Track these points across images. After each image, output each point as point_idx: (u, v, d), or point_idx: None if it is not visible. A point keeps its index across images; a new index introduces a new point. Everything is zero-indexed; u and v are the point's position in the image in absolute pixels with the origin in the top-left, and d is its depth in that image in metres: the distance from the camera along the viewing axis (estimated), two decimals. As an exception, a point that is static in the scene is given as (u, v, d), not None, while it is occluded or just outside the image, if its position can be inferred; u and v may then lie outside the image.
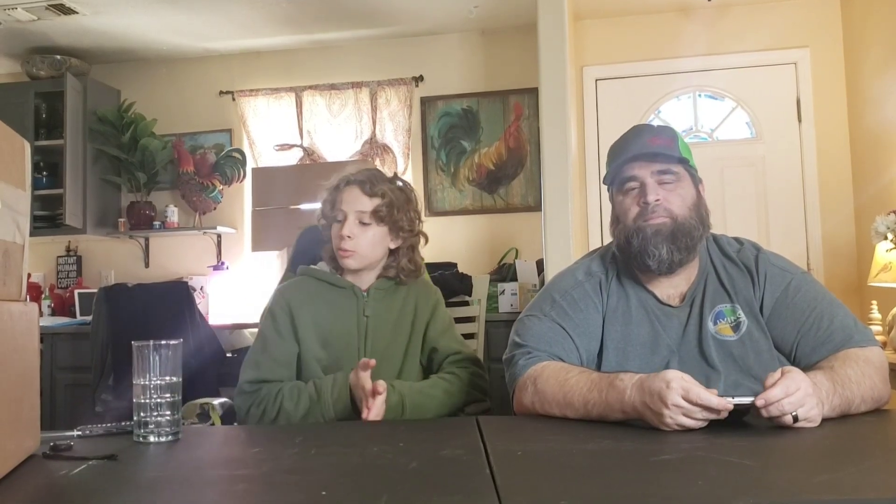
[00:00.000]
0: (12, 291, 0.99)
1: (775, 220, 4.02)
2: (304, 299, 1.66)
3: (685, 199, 1.38)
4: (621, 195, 1.42)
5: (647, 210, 1.36)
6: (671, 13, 4.14)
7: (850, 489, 0.81)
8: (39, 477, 0.94)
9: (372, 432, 1.23)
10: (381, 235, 1.65)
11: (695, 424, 1.09)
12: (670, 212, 1.36)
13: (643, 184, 1.37)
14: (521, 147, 4.36)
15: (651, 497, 0.80)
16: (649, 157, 1.37)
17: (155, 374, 1.14)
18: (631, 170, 1.38)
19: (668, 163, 1.37)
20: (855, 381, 1.20)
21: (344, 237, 1.62)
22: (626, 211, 1.40)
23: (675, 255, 1.35)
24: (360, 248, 1.63)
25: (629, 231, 1.38)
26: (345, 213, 1.63)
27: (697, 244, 1.38)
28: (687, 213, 1.37)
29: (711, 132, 4.20)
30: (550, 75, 3.43)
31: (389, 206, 1.64)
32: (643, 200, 1.37)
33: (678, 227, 1.35)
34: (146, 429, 1.14)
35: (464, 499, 0.81)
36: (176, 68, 4.72)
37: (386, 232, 1.66)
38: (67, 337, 3.93)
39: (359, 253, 1.63)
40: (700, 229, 1.38)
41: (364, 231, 1.63)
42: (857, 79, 3.84)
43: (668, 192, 1.37)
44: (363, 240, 1.63)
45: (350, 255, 1.63)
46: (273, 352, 1.62)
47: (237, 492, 0.86)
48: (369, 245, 1.64)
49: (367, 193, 1.63)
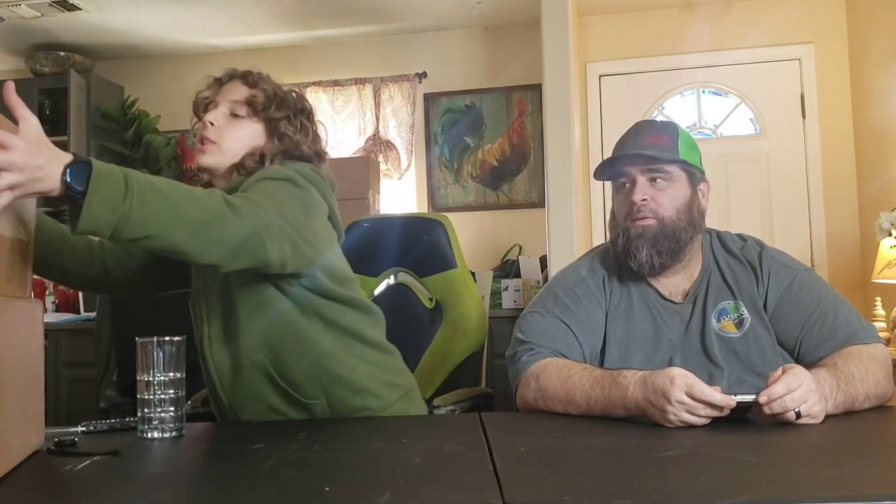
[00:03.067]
0: (17, 288, 0.99)
1: (779, 216, 4.01)
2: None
3: (675, 200, 1.37)
4: (615, 192, 1.44)
5: (634, 210, 1.36)
6: (675, 9, 4.13)
7: (853, 486, 0.81)
8: (43, 472, 0.95)
9: (375, 428, 1.24)
10: (252, 133, 1.38)
11: (698, 421, 1.09)
12: (657, 213, 1.36)
13: (633, 181, 1.38)
14: (524, 143, 4.36)
15: (654, 493, 0.80)
16: (640, 156, 1.37)
17: (159, 370, 1.15)
18: (623, 166, 1.39)
19: (662, 163, 1.37)
20: (858, 378, 1.20)
21: (207, 124, 1.36)
22: (619, 209, 1.42)
23: (654, 258, 1.35)
24: (223, 139, 1.36)
25: (618, 230, 1.40)
26: (217, 101, 1.39)
27: (685, 247, 1.38)
28: (675, 215, 1.36)
29: (715, 128, 4.19)
30: (554, 71, 3.42)
31: (269, 99, 1.40)
32: (630, 199, 1.37)
33: (663, 229, 1.35)
34: (150, 425, 1.15)
35: (467, 495, 0.81)
36: (179, 64, 4.72)
37: (260, 130, 1.39)
38: (71, 333, 3.93)
39: (221, 146, 1.36)
40: (689, 232, 1.37)
41: (233, 124, 1.37)
42: (862, 75, 3.83)
43: (658, 192, 1.37)
44: (230, 132, 1.37)
45: (209, 147, 1.36)
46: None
47: (240, 487, 0.86)
48: (234, 139, 1.37)
49: (248, 84, 1.42)
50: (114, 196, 0.96)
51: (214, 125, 1.36)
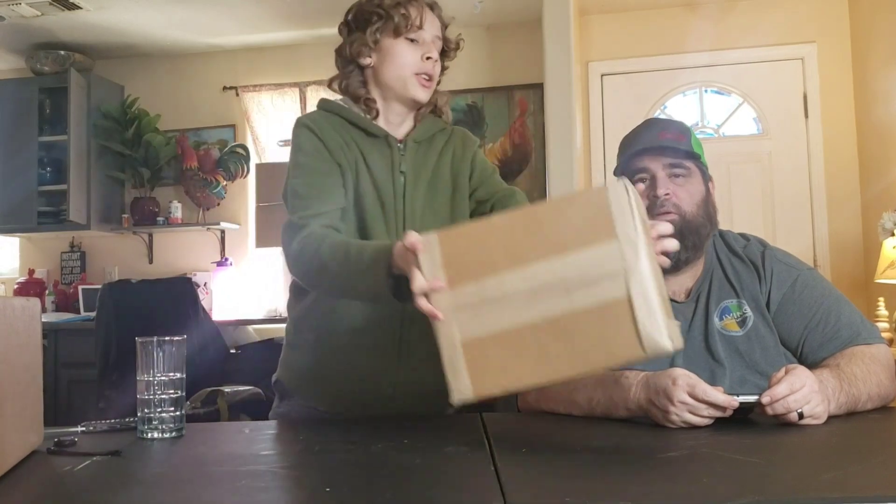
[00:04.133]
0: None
1: (782, 216, 4.01)
2: (334, 135, 1.39)
3: (694, 195, 1.36)
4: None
5: (657, 204, 1.35)
6: (677, 8, 4.12)
7: (855, 487, 0.80)
8: (43, 472, 0.94)
9: (376, 429, 1.23)
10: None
11: (700, 422, 1.08)
12: (679, 208, 1.35)
13: (653, 177, 1.36)
14: (526, 143, 4.35)
15: (656, 494, 0.79)
16: (660, 151, 1.36)
17: (159, 370, 1.14)
18: (641, 162, 1.37)
19: (680, 157, 1.36)
20: (861, 379, 1.19)
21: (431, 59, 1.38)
22: None
23: (681, 254, 1.33)
24: (437, 74, 1.41)
25: None
26: (424, 37, 1.38)
27: (704, 242, 1.37)
28: (695, 210, 1.35)
29: (718, 128, 4.19)
30: (556, 71, 3.42)
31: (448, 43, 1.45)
32: (653, 194, 1.35)
33: (686, 224, 1.34)
34: (150, 425, 1.14)
35: (468, 495, 0.80)
36: (179, 64, 4.72)
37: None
38: (71, 333, 3.93)
39: (434, 80, 1.41)
40: (708, 227, 1.37)
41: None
42: (865, 74, 3.82)
43: (678, 187, 1.36)
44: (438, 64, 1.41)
45: (430, 84, 1.40)
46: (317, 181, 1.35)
47: (240, 488, 0.86)
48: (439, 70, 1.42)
49: (441, 21, 1.44)
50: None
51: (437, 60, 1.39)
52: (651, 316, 0.91)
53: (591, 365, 0.96)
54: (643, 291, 0.92)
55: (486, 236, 0.99)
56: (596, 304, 0.93)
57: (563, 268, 0.94)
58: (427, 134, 1.46)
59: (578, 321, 0.94)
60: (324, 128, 1.39)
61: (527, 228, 0.97)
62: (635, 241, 0.92)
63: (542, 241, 0.95)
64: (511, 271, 0.96)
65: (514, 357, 0.96)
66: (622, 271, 0.92)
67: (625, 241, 0.93)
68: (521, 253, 0.96)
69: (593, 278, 0.93)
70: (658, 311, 0.92)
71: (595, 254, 0.93)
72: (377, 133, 1.41)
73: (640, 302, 0.92)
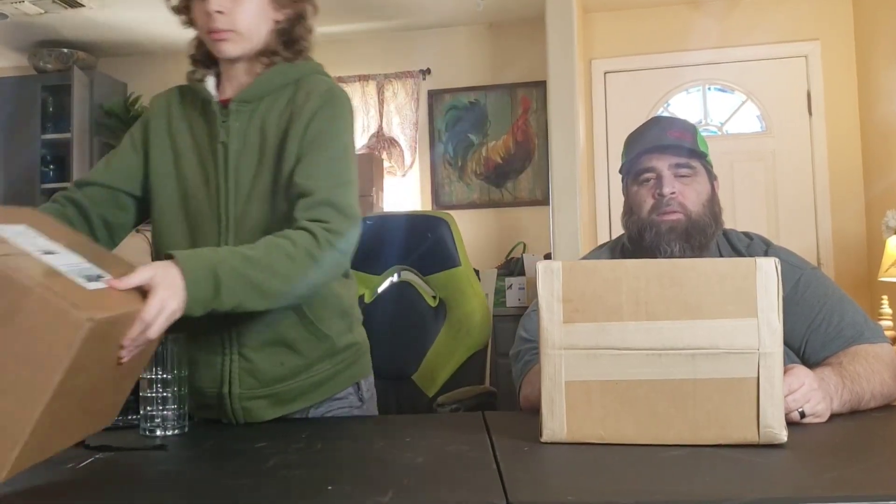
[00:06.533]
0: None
1: (785, 214, 4.00)
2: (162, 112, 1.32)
3: (700, 194, 1.36)
4: (636, 186, 1.40)
5: (662, 203, 1.34)
6: (680, 5, 4.11)
7: (857, 486, 0.80)
8: (45, 469, 0.94)
9: (378, 427, 1.23)
10: (260, 4, 1.23)
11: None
12: (685, 207, 1.34)
13: (659, 175, 1.36)
14: (528, 140, 4.35)
15: (658, 493, 0.79)
16: (666, 149, 1.36)
17: (161, 367, 1.14)
18: (648, 160, 1.37)
19: (686, 156, 1.36)
20: (864, 378, 1.19)
21: (212, 13, 1.19)
22: (640, 203, 1.38)
23: (687, 253, 1.33)
24: (237, 23, 1.21)
25: (643, 224, 1.37)
26: None
27: (710, 242, 1.37)
28: (701, 210, 1.35)
29: (721, 126, 4.18)
30: (558, 68, 3.42)
31: None
32: (658, 192, 1.35)
33: (692, 223, 1.34)
34: (153, 423, 1.15)
35: (470, 494, 0.80)
36: (183, 61, 4.68)
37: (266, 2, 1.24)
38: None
39: (237, 31, 1.21)
40: (713, 226, 1.36)
41: (238, 3, 1.20)
42: (869, 72, 3.81)
43: (684, 186, 1.36)
44: (240, 12, 1.20)
45: (226, 35, 1.21)
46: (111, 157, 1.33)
47: (243, 486, 0.86)
48: (249, 17, 1.21)
49: None
50: (207, 299, 1.03)
51: (223, 12, 1.20)
52: (774, 405, 0.92)
53: (698, 437, 0.95)
54: (771, 378, 0.92)
55: (616, 279, 0.97)
56: (721, 377, 0.92)
57: (694, 332, 0.94)
58: (261, 91, 1.26)
59: (697, 390, 0.93)
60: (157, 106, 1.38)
61: (662, 283, 0.96)
62: (775, 326, 0.93)
63: (676, 300, 0.94)
64: (637, 322, 0.95)
65: (619, 410, 0.96)
66: (756, 352, 0.92)
67: (764, 322, 0.92)
68: (652, 306, 0.95)
69: (724, 351, 0.93)
70: (780, 401, 0.92)
71: (731, 327, 0.93)
72: (206, 97, 1.29)
73: (767, 388, 0.92)
